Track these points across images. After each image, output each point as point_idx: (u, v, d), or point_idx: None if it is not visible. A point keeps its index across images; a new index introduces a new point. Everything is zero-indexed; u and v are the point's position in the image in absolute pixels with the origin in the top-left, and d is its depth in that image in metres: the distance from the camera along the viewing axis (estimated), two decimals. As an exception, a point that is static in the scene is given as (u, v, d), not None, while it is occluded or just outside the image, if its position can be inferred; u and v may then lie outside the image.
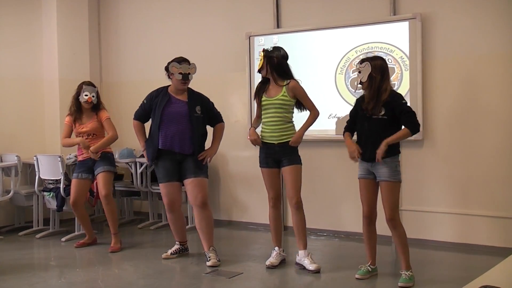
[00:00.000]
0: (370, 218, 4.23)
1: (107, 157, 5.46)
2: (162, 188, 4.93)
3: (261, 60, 4.61)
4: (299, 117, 4.68)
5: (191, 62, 4.87)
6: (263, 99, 4.63)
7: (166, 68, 4.88)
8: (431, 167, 5.36)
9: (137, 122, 5.06)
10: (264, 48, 4.67)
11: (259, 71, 4.66)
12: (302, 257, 4.56)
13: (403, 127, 4.11)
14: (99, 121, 5.49)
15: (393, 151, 4.10)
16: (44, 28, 6.90)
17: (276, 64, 4.56)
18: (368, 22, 5.58)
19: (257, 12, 6.28)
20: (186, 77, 4.82)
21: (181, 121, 4.83)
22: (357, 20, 5.65)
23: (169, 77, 4.88)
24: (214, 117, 5.05)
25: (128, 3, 7.24)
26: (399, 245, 4.13)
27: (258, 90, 4.71)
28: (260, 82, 4.74)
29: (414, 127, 4.05)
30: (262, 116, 4.68)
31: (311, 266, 4.48)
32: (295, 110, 4.68)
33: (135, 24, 7.19)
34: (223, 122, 5.11)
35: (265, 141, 4.63)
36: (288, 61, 4.65)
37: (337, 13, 5.81)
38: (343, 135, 4.40)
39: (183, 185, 4.94)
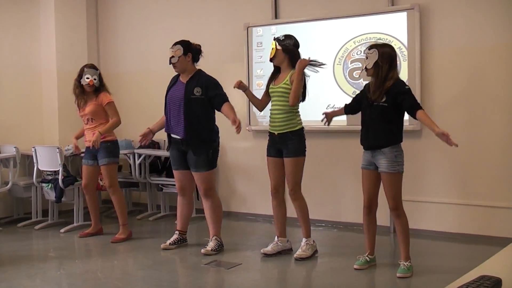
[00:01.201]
0: (369, 208, 4.23)
1: (107, 147, 5.30)
2: (174, 173, 5.03)
3: (273, 49, 4.57)
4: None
5: (179, 43, 4.75)
6: (270, 87, 4.64)
7: None
8: (430, 157, 5.37)
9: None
10: (275, 37, 4.63)
11: (271, 60, 4.62)
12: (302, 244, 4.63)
13: (406, 115, 4.10)
14: (99, 104, 5.31)
15: (392, 140, 4.04)
16: (42, 19, 6.85)
17: (291, 51, 4.54)
18: (366, 12, 5.56)
19: (255, 3, 6.26)
20: (170, 62, 4.76)
21: (176, 104, 4.74)
22: (355, 10, 5.63)
23: None
24: (216, 98, 4.66)
25: (126, -7, 7.21)
26: (401, 235, 4.11)
27: (269, 79, 4.70)
28: (272, 71, 4.70)
29: (418, 106, 3.99)
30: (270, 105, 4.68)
31: (295, 253, 4.58)
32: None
33: (132, 15, 7.16)
34: (228, 101, 4.66)
35: (269, 130, 4.65)
36: None
37: (335, 4, 5.79)
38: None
39: None
